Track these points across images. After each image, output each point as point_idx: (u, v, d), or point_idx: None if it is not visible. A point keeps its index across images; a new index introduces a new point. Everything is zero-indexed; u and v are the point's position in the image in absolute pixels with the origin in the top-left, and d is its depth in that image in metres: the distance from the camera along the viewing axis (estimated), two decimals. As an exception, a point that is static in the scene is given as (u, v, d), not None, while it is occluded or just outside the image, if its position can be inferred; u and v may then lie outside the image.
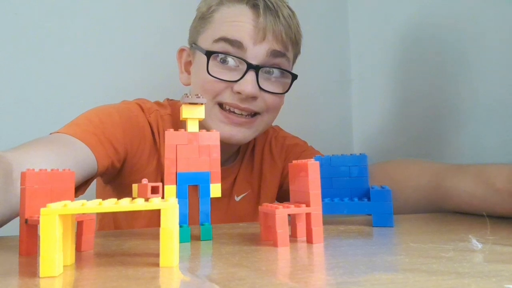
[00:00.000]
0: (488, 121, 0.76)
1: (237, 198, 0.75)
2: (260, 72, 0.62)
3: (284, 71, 0.66)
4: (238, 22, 0.62)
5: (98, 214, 0.80)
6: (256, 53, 0.62)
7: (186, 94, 0.39)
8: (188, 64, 0.72)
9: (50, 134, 0.58)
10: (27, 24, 0.92)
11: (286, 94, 0.68)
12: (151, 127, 0.68)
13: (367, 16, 1.14)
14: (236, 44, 0.62)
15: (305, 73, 1.12)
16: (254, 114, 0.65)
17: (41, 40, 0.93)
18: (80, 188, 0.59)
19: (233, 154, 0.76)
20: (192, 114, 0.39)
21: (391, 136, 1.03)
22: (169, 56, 0.75)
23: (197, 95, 0.39)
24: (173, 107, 0.72)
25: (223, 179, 0.73)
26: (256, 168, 0.77)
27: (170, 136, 0.38)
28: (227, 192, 0.74)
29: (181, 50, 0.73)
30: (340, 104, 1.20)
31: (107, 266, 0.30)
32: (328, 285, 0.24)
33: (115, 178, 0.68)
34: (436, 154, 0.88)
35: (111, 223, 0.73)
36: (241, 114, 0.64)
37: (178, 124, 0.65)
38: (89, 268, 0.29)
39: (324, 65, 1.19)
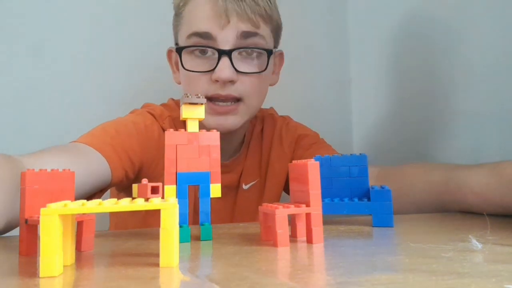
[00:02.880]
0: (487, 121, 0.76)
1: (245, 187, 0.75)
2: (234, 55, 0.63)
3: (260, 50, 0.65)
4: (202, 14, 0.63)
5: (111, 221, 0.80)
6: (225, 37, 0.62)
7: (186, 94, 0.39)
8: (178, 63, 0.72)
9: (69, 143, 0.59)
10: (27, 24, 0.92)
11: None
12: None
13: (367, 16, 1.14)
14: (205, 35, 0.63)
15: (305, 73, 1.13)
16: (237, 100, 0.66)
17: (42, 41, 0.93)
18: (93, 197, 0.59)
19: (240, 145, 0.76)
20: (192, 114, 0.39)
21: (391, 136, 1.03)
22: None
23: (197, 95, 0.39)
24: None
25: (232, 170, 0.74)
26: (264, 157, 0.77)
27: (170, 136, 0.38)
28: (235, 183, 0.75)
29: (170, 51, 0.74)
30: (340, 104, 1.20)
31: (107, 266, 0.30)
32: (328, 285, 0.24)
33: (130, 187, 0.69)
34: (436, 153, 0.88)
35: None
36: (225, 102, 0.64)
37: None
38: (89, 268, 0.29)
39: (324, 65, 1.19)
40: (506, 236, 0.37)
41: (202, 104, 0.39)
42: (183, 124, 0.40)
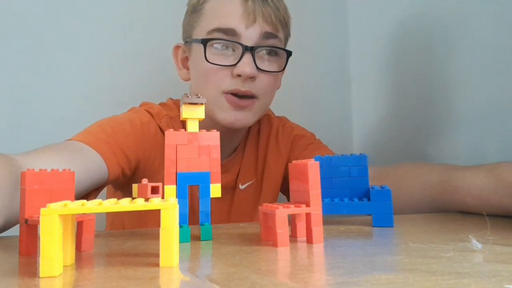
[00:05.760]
0: (487, 120, 0.76)
1: (242, 187, 0.75)
2: (256, 54, 0.65)
3: (278, 50, 0.68)
4: (228, 11, 0.65)
5: (107, 219, 0.80)
6: (250, 36, 0.64)
7: (186, 94, 0.39)
8: (185, 60, 0.73)
9: (65, 141, 0.59)
10: (27, 24, 0.92)
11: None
12: (162, 132, 0.68)
13: (367, 16, 1.14)
14: (230, 32, 0.64)
15: (305, 73, 1.13)
16: (253, 97, 0.67)
17: (41, 40, 0.93)
18: (90, 195, 0.59)
19: (237, 145, 0.76)
20: (192, 114, 0.39)
21: (391, 136, 1.02)
22: (168, 54, 0.76)
23: (197, 95, 0.39)
24: (179, 106, 0.72)
25: (228, 170, 0.74)
26: (261, 157, 0.78)
27: (170, 136, 0.38)
28: (232, 183, 0.75)
29: (176, 47, 0.74)
30: (340, 103, 1.20)
31: (107, 266, 0.30)
32: (328, 285, 0.24)
33: (126, 184, 0.69)
34: (436, 153, 0.88)
35: (120, 229, 0.73)
36: (244, 97, 0.65)
37: None
38: (89, 268, 0.29)
39: (324, 64, 1.19)
40: (506, 236, 0.37)
41: (202, 104, 0.39)
42: (180, 123, 0.40)
